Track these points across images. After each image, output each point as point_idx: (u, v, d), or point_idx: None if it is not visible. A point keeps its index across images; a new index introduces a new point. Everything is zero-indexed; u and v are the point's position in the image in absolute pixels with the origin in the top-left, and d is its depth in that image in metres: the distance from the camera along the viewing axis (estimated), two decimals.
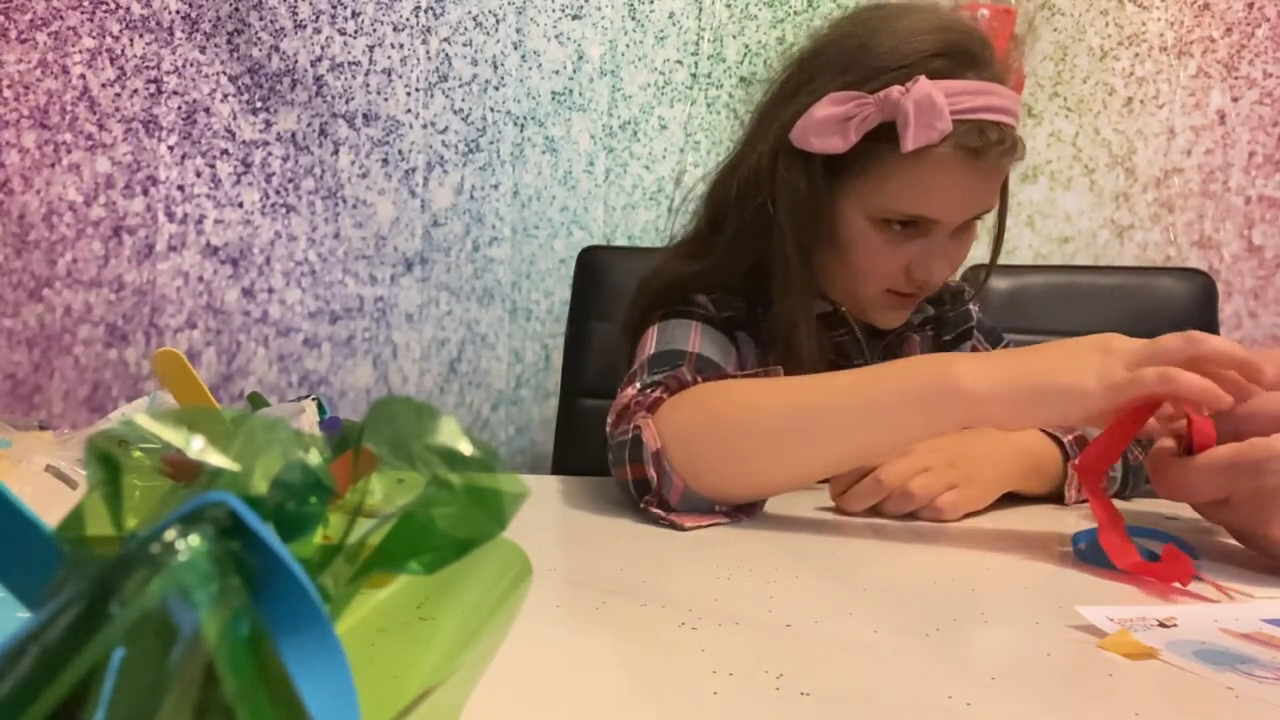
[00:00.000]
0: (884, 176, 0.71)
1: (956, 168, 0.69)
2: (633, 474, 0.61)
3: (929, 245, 0.73)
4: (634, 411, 0.64)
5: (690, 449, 0.60)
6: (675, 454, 0.59)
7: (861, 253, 0.75)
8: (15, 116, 1.26)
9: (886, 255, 0.74)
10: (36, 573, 0.16)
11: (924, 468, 0.63)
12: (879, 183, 0.71)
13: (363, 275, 1.34)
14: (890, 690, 0.32)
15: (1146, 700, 0.31)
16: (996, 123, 0.68)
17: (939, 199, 0.71)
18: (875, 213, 0.73)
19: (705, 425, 0.61)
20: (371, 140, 1.34)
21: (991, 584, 0.46)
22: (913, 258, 0.74)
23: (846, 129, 0.69)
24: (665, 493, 0.59)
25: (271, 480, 0.18)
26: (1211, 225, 1.41)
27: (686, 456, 0.59)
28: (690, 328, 0.76)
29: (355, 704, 0.15)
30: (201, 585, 0.14)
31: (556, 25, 1.37)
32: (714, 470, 0.59)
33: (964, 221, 0.74)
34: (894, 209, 0.72)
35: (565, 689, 0.31)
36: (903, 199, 0.71)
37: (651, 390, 0.65)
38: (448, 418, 0.20)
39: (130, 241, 1.30)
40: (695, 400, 0.63)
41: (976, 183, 0.71)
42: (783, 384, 0.63)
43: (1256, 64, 1.40)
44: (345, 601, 0.20)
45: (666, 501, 0.59)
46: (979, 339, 0.89)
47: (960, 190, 0.71)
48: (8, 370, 1.26)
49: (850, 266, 0.76)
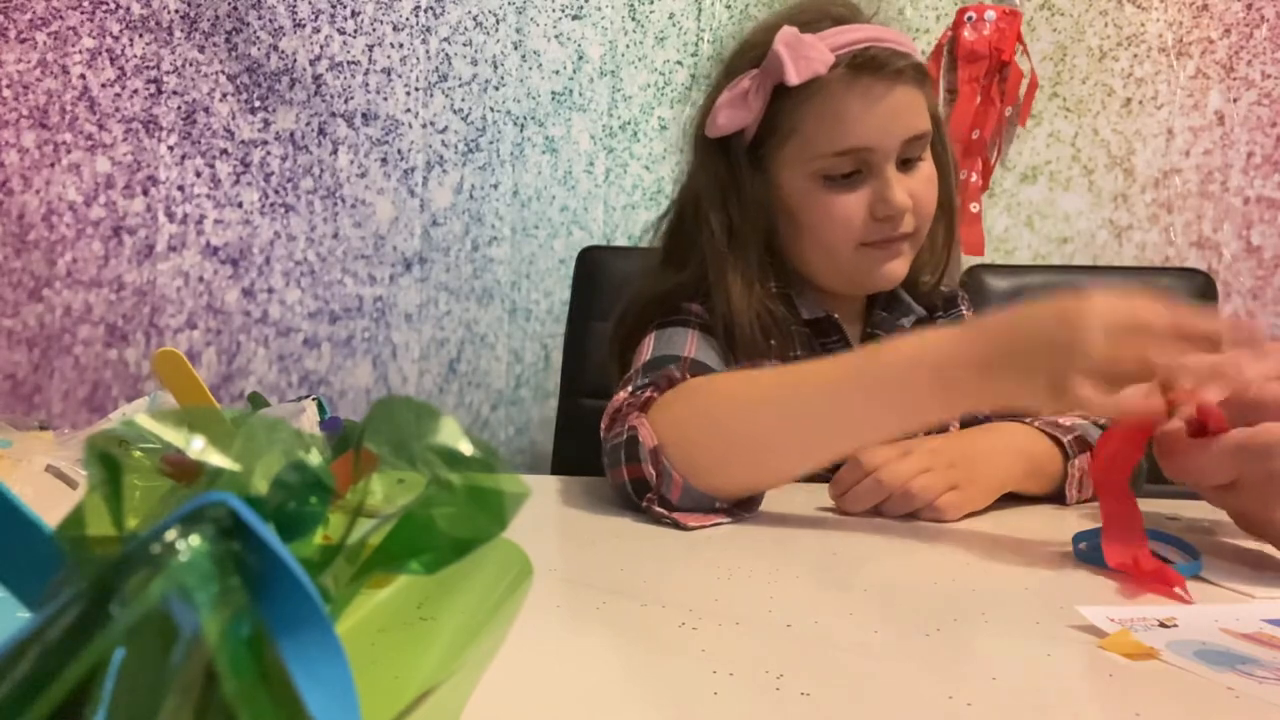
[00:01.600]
0: (800, 130, 0.74)
1: (856, 90, 0.72)
2: (630, 474, 0.61)
3: (878, 182, 0.74)
4: (627, 413, 0.63)
5: (686, 445, 0.59)
6: (673, 451, 0.59)
7: (818, 215, 0.75)
8: (15, 116, 1.26)
9: (841, 205, 0.74)
10: (37, 573, 0.16)
11: (924, 468, 0.63)
12: (799, 138, 0.74)
13: (362, 275, 1.34)
14: (890, 690, 0.32)
15: (1147, 700, 0.31)
16: (882, 47, 0.72)
17: (854, 125, 0.72)
18: (812, 168, 0.74)
19: (698, 419, 0.60)
20: (371, 140, 1.34)
21: (991, 584, 0.46)
22: (869, 200, 0.74)
23: (746, 101, 0.75)
24: (665, 491, 0.59)
25: (272, 480, 0.18)
26: (1210, 226, 1.41)
27: (684, 453, 0.59)
28: (687, 334, 0.76)
29: (356, 704, 0.15)
30: (202, 585, 0.14)
31: (556, 25, 1.37)
32: (711, 464, 0.59)
33: (902, 150, 0.74)
34: (823, 153, 0.73)
35: (565, 689, 0.31)
36: (824, 139, 0.73)
37: (642, 391, 0.65)
38: (448, 418, 0.20)
39: (130, 241, 1.30)
40: (687, 396, 0.63)
41: (885, 103, 0.72)
42: (770, 373, 0.62)
43: (1255, 65, 1.40)
44: (346, 601, 0.20)
45: (668, 500, 0.59)
46: None
47: (871, 112, 0.72)
48: (8, 370, 1.26)
49: (816, 237, 0.77)
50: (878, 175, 0.74)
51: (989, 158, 1.38)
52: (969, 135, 1.36)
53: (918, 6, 1.40)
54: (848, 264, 0.77)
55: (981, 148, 1.36)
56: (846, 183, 0.74)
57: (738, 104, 0.75)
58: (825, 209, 0.75)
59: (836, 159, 0.73)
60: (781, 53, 0.71)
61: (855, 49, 0.72)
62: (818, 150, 0.74)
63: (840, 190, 0.74)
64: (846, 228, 0.75)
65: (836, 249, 0.76)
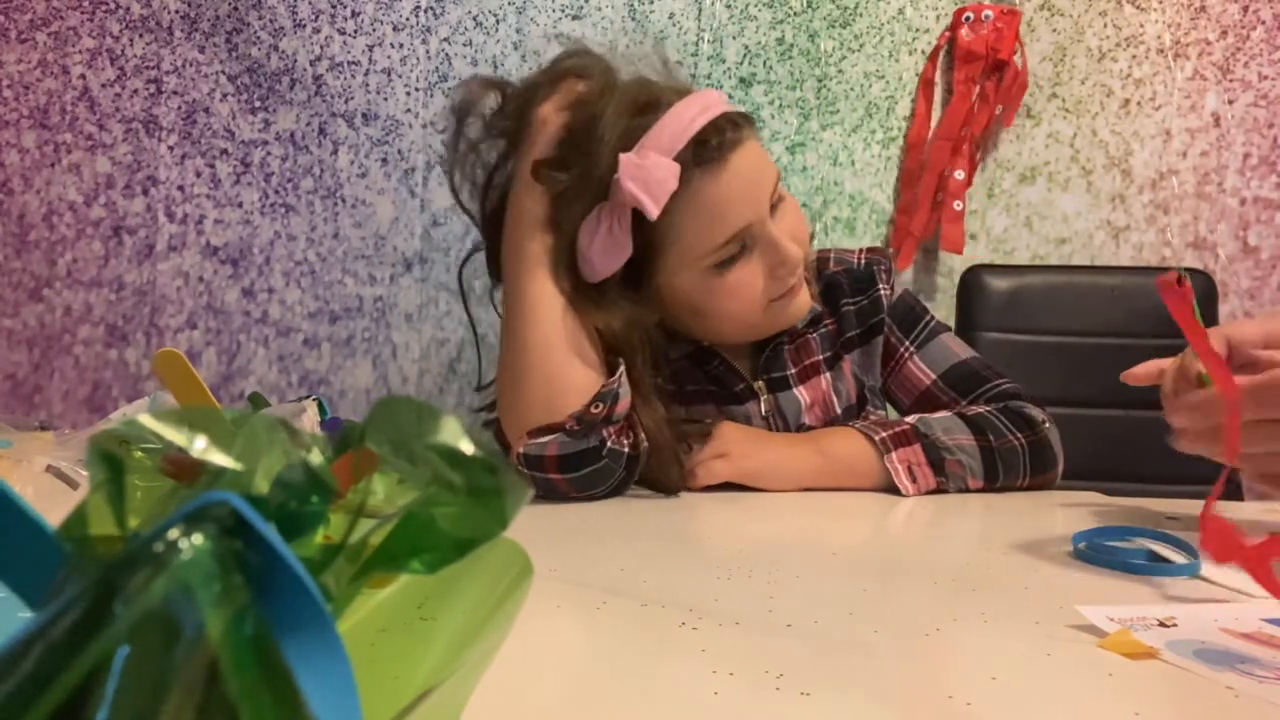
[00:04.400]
0: (680, 239, 0.72)
1: (718, 178, 0.70)
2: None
3: (766, 245, 0.74)
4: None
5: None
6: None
7: (721, 297, 0.75)
8: (15, 116, 1.26)
9: (740, 282, 0.75)
10: (39, 572, 0.16)
11: (721, 453, 0.74)
12: (679, 246, 0.73)
13: (362, 275, 1.34)
14: (890, 690, 0.32)
15: (1146, 700, 0.31)
16: (708, 123, 0.70)
17: (730, 212, 0.72)
18: (704, 263, 0.74)
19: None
20: (371, 140, 1.34)
21: (991, 584, 0.46)
22: (765, 265, 0.75)
23: (614, 239, 0.70)
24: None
25: (273, 480, 0.18)
26: (1206, 226, 1.41)
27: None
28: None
29: (357, 703, 0.15)
30: (204, 584, 0.14)
31: (556, 25, 1.37)
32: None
33: (772, 199, 0.74)
34: (710, 248, 0.72)
35: (565, 689, 0.31)
36: (706, 236, 0.72)
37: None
38: (449, 418, 0.20)
39: (130, 241, 1.29)
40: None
41: (745, 175, 0.72)
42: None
43: (1252, 66, 1.40)
44: (347, 601, 0.20)
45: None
46: (891, 329, 0.86)
47: (739, 190, 0.72)
48: (8, 370, 1.26)
49: (722, 315, 0.77)
50: (763, 239, 0.74)
51: (975, 155, 1.38)
52: (958, 134, 1.36)
53: (917, 6, 1.40)
54: (760, 321, 0.79)
55: (968, 146, 1.37)
56: (737, 261, 0.74)
57: (609, 245, 0.71)
58: (727, 291, 0.75)
59: (724, 248, 0.73)
60: (632, 190, 0.67)
61: (692, 136, 0.69)
62: (704, 249, 0.73)
63: (734, 269, 0.74)
64: (751, 297, 0.75)
65: (745, 316, 0.77)
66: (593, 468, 0.68)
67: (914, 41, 1.41)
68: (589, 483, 0.69)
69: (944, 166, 1.36)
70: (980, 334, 1.26)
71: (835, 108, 1.41)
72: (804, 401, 0.83)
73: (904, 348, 0.86)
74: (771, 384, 0.83)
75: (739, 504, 0.69)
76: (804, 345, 0.84)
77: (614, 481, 0.70)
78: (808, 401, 0.83)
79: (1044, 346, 1.25)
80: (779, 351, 0.83)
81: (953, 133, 1.36)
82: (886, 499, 0.72)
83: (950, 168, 1.36)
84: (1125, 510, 0.68)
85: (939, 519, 0.65)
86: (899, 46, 1.41)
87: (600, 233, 0.71)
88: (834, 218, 1.41)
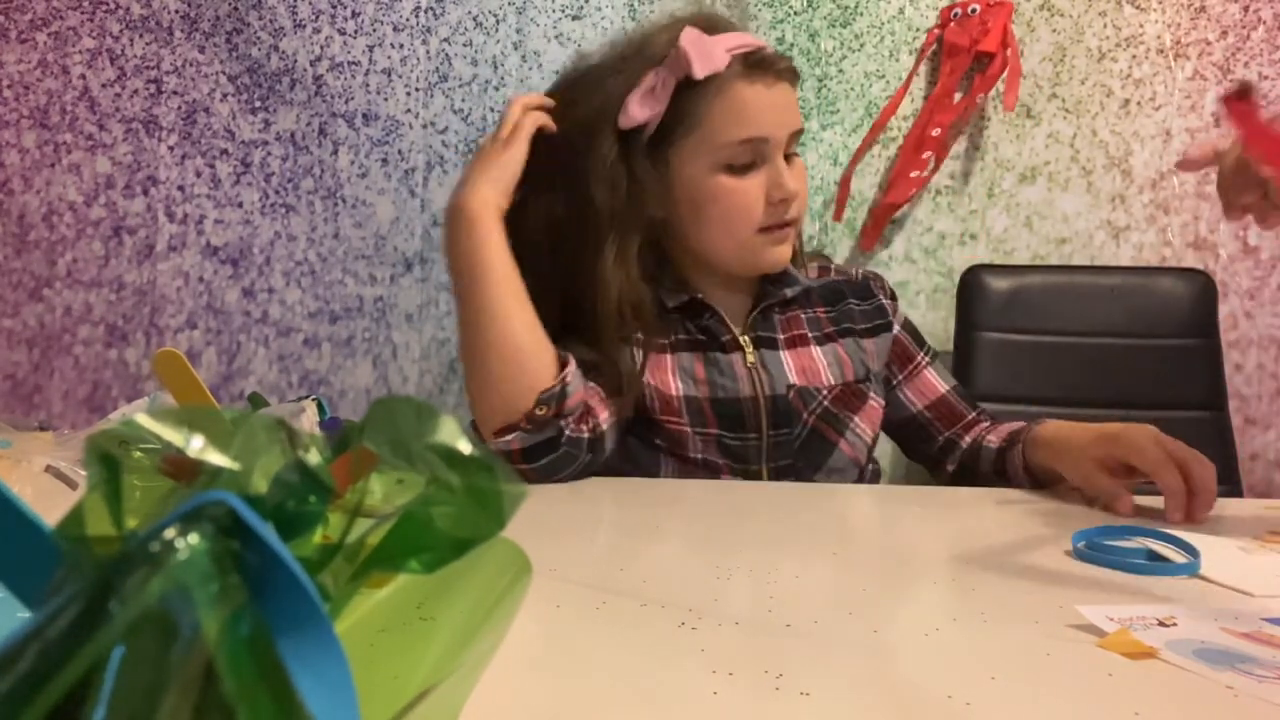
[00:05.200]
0: (705, 124, 0.81)
1: (753, 86, 0.80)
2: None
3: (772, 169, 0.81)
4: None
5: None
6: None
7: (722, 201, 0.82)
8: (15, 116, 1.26)
9: (741, 192, 0.82)
10: (37, 572, 0.16)
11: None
12: (702, 131, 0.81)
13: (362, 275, 1.34)
14: (890, 690, 0.32)
15: (1146, 699, 0.31)
16: (770, 50, 0.82)
17: (754, 117, 0.80)
18: (716, 159, 0.81)
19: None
20: (371, 140, 1.34)
21: (991, 584, 0.46)
22: (765, 185, 0.82)
23: (654, 95, 0.81)
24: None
25: (271, 479, 0.18)
26: (1207, 226, 1.41)
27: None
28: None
29: (355, 702, 0.15)
30: (201, 584, 0.14)
31: (556, 25, 1.37)
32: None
33: (788, 143, 0.82)
34: (725, 141, 0.80)
35: (565, 689, 0.31)
36: (727, 129, 0.80)
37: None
38: (448, 418, 0.20)
39: (130, 241, 1.30)
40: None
41: (777, 98, 0.81)
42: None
43: (1252, 66, 1.40)
44: (345, 600, 0.20)
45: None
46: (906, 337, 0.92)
47: (767, 106, 0.81)
48: (8, 370, 1.26)
49: (718, 223, 0.83)
50: (771, 164, 0.81)
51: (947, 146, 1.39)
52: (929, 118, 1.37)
53: (917, 6, 1.40)
54: (746, 247, 0.84)
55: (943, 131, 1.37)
56: (745, 172, 0.81)
57: (648, 98, 0.81)
58: (729, 195, 0.82)
59: (739, 148, 0.80)
60: (688, 50, 0.78)
61: (748, 49, 0.80)
62: (721, 140, 0.80)
63: (739, 178, 0.81)
64: (748, 212, 0.82)
65: (738, 232, 0.83)
66: (552, 456, 0.73)
67: (914, 41, 1.41)
68: (553, 469, 0.74)
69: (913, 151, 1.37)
70: (980, 334, 1.26)
71: (835, 107, 1.41)
72: (790, 364, 0.87)
73: (921, 356, 0.92)
74: (758, 341, 0.87)
75: (739, 503, 0.69)
76: (794, 319, 0.89)
77: (578, 466, 0.75)
78: (794, 365, 0.87)
79: (1044, 346, 1.25)
80: (769, 315, 0.88)
81: (924, 118, 1.37)
82: (886, 498, 0.72)
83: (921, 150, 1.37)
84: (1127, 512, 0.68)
85: (939, 519, 0.65)
86: (899, 46, 1.41)
87: (644, 88, 0.81)
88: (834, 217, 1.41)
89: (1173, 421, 1.22)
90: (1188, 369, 1.23)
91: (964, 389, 0.93)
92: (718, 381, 0.83)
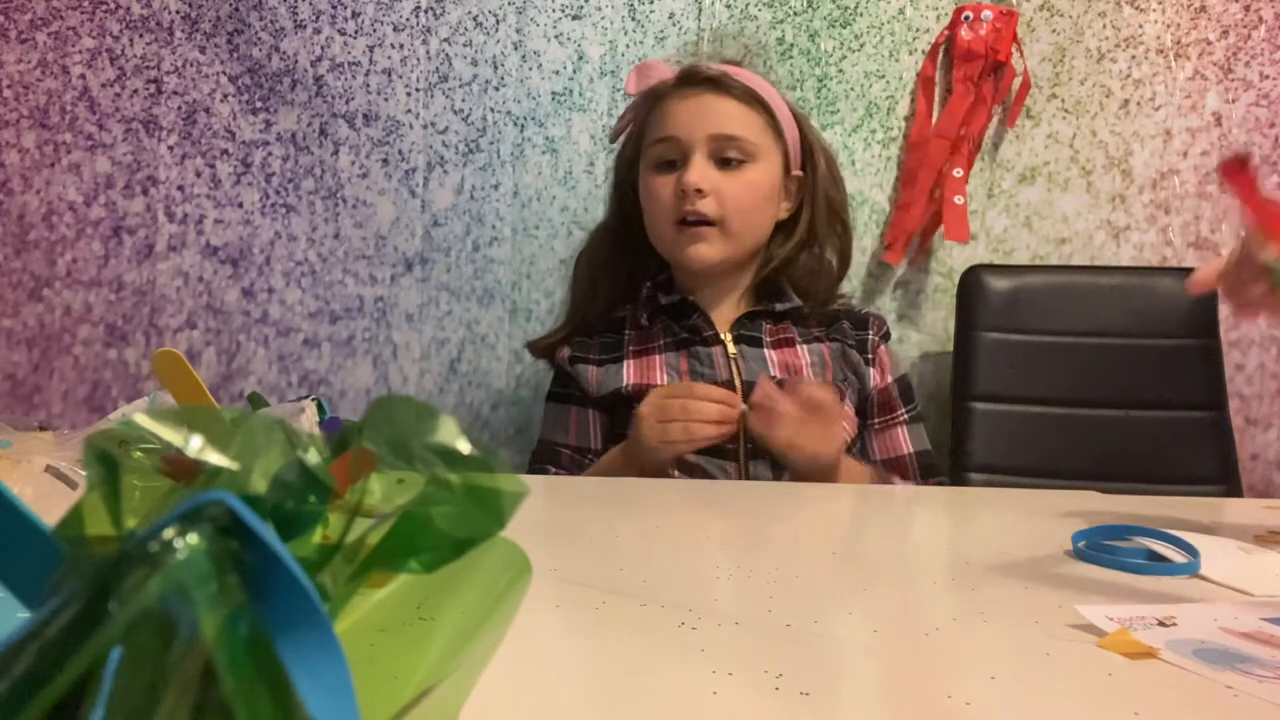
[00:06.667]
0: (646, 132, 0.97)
1: (676, 94, 0.95)
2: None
3: (684, 167, 0.92)
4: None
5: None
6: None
7: (649, 195, 0.96)
8: (15, 116, 1.26)
9: (660, 186, 0.94)
10: (35, 572, 0.16)
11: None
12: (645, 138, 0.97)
13: (363, 275, 1.34)
14: (890, 690, 0.32)
15: (1146, 700, 0.31)
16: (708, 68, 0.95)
17: (670, 120, 0.94)
18: (648, 159, 0.96)
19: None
20: (371, 140, 1.34)
21: (991, 584, 0.46)
22: (678, 181, 0.92)
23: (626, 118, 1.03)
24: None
25: (271, 479, 0.18)
26: (1208, 226, 1.41)
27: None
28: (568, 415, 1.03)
29: (354, 703, 0.15)
30: (200, 584, 0.14)
31: (556, 25, 1.37)
32: None
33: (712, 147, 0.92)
34: (650, 142, 0.95)
35: (565, 689, 0.31)
36: (652, 132, 0.96)
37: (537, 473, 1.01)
38: (447, 417, 0.20)
39: (130, 241, 1.29)
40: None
41: (694, 105, 0.93)
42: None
43: (1253, 66, 1.40)
44: (344, 601, 0.20)
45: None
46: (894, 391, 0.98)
47: (682, 110, 0.94)
48: (8, 370, 1.26)
49: (649, 215, 0.97)
50: (686, 164, 0.92)
51: (973, 154, 1.38)
52: (957, 132, 1.36)
53: (917, 6, 1.40)
54: (669, 240, 0.95)
55: (967, 144, 1.37)
56: (666, 169, 0.94)
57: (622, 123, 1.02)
58: (653, 191, 0.95)
59: (658, 147, 0.94)
60: (631, 73, 0.99)
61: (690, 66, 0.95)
62: (649, 142, 0.95)
63: (661, 175, 0.94)
64: (664, 205, 0.93)
65: (659, 225, 0.95)
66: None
67: (914, 41, 1.40)
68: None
69: (942, 164, 1.36)
70: (980, 334, 1.26)
71: (835, 107, 1.40)
72: (773, 359, 0.93)
73: (901, 412, 0.98)
74: (741, 339, 0.94)
75: (739, 504, 0.69)
76: (783, 327, 0.96)
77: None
78: (777, 361, 0.93)
79: (1044, 346, 1.25)
80: (756, 320, 0.96)
81: (951, 131, 1.36)
82: (885, 498, 0.72)
83: (950, 165, 1.36)
84: (1125, 510, 0.68)
85: (939, 519, 0.65)
86: (899, 46, 1.40)
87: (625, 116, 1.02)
88: None
89: (1173, 421, 1.22)
90: (1188, 369, 1.22)
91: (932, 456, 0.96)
92: (697, 370, 0.91)
